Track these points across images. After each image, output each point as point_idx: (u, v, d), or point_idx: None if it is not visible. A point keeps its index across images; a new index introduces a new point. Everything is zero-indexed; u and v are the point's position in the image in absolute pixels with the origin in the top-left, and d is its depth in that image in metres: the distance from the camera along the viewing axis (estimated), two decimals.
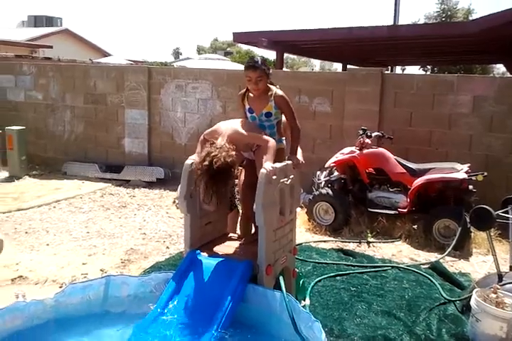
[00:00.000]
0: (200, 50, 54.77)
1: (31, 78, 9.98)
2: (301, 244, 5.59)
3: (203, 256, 3.60)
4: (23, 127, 8.91)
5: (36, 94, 9.97)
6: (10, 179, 8.52)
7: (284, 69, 13.18)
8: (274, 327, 3.17)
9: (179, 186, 6.20)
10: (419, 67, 24.52)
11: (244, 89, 3.76)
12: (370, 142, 6.38)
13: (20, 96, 10.13)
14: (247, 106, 3.73)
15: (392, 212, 6.13)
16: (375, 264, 5.09)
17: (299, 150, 3.88)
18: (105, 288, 3.36)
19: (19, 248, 5.29)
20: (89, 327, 3.14)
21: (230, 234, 4.19)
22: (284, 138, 3.82)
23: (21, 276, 4.50)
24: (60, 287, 4.26)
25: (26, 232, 5.84)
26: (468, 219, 5.55)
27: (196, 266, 3.52)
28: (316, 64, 51.39)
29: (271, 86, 3.71)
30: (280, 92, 3.67)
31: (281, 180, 3.57)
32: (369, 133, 6.38)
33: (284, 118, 3.82)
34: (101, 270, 4.70)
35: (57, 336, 3.02)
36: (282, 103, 3.66)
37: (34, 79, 9.96)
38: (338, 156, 6.46)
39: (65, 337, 3.03)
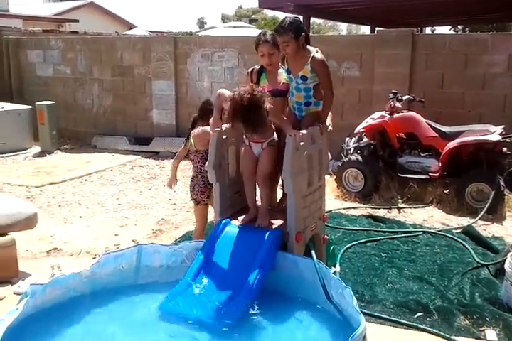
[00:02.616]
0: (224, 19, 54.12)
1: (59, 52, 10.03)
2: (331, 211, 5.57)
3: (233, 224, 3.61)
4: (53, 102, 9.00)
5: (64, 68, 10.04)
6: (42, 153, 8.67)
7: (311, 34, 12.93)
8: (305, 294, 3.18)
9: (207, 155, 6.16)
10: (449, 27, 23.68)
11: None
12: (400, 106, 6.23)
13: (48, 71, 10.22)
14: (285, 67, 3.66)
15: (423, 177, 6.02)
16: (406, 230, 5.04)
17: (329, 116, 3.80)
18: (137, 257, 3.40)
19: (53, 221, 5.41)
20: (122, 296, 3.20)
21: (259, 203, 4.19)
22: (321, 101, 3.72)
23: (56, 248, 4.62)
24: (94, 258, 4.35)
25: (59, 205, 5.96)
26: (502, 182, 5.43)
27: (226, 234, 3.54)
28: (343, 28, 50.26)
29: (311, 48, 3.58)
30: (319, 56, 3.54)
31: (309, 146, 3.52)
32: (399, 97, 6.23)
33: None
34: (133, 240, 4.78)
35: (93, 306, 3.09)
36: (319, 67, 3.53)
37: (62, 54, 10.01)
38: (368, 121, 6.34)
39: (100, 307, 3.09)
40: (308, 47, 3.60)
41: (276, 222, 3.61)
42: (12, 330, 2.57)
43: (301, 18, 11.65)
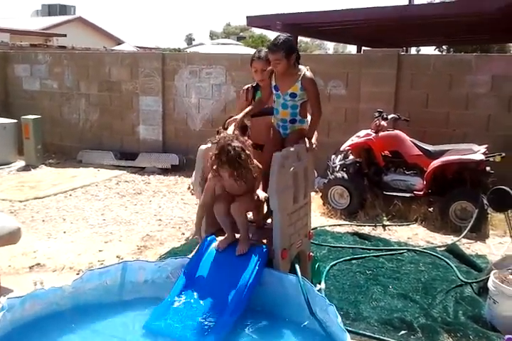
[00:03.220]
0: (212, 36, 54.53)
1: (46, 67, 10.02)
2: (316, 228, 5.58)
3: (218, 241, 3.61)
4: (39, 116, 8.96)
5: (51, 82, 10.02)
6: (26, 168, 8.60)
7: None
8: (289, 311, 3.17)
9: (194, 172, 6.21)
10: (434, 47, 24.10)
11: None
12: (386, 124, 6.31)
13: (35, 85, 10.19)
14: (273, 83, 3.68)
15: (408, 195, 6.08)
16: (391, 247, 5.06)
17: (315, 135, 3.84)
18: (122, 274, 3.38)
19: (36, 236, 5.35)
20: (106, 313, 3.16)
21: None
22: (306, 119, 3.76)
23: (39, 264, 4.56)
24: (77, 274, 4.31)
25: (43, 220, 5.90)
26: (485, 201, 5.49)
27: (212, 251, 3.53)
28: (330, 47, 50.90)
29: (301, 67, 3.64)
30: (309, 74, 3.60)
31: (295, 164, 3.54)
32: (385, 116, 6.31)
33: None
34: (117, 256, 4.74)
35: (75, 321, 3.05)
36: (309, 86, 3.59)
37: (49, 68, 10.00)
38: (354, 139, 6.40)
39: (83, 323, 3.06)
40: (299, 66, 3.65)
41: (263, 238, 3.62)
42: None
43: None
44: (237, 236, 3.52)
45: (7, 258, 4.53)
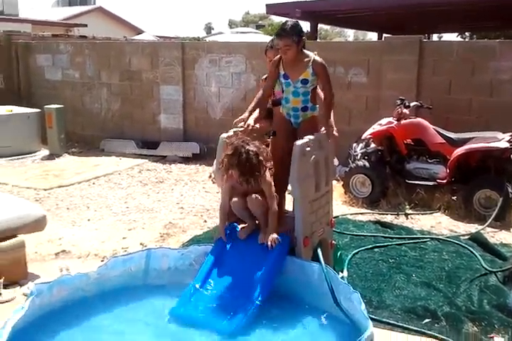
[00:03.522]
0: (231, 24, 54.29)
1: (68, 57, 10.10)
2: (338, 216, 5.56)
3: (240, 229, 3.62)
4: (62, 105, 9.05)
5: (73, 72, 10.10)
6: (50, 157, 8.71)
7: (318, 40, 12.96)
8: (313, 298, 3.19)
9: (215, 160, 6.24)
10: (456, 34, 23.64)
11: (279, 56, 3.67)
12: (408, 112, 6.23)
13: (57, 75, 10.28)
14: (282, 72, 3.65)
15: (431, 183, 6.01)
16: (414, 236, 5.03)
17: (333, 121, 3.81)
18: (146, 261, 3.43)
19: (61, 223, 5.43)
20: (130, 299, 3.21)
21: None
22: (317, 105, 3.74)
23: (64, 251, 4.64)
24: (102, 261, 4.36)
25: (68, 208, 5.99)
26: (510, 189, 5.42)
27: (234, 239, 3.55)
28: (350, 35, 50.32)
29: (308, 52, 3.62)
30: (319, 59, 3.59)
31: (316, 152, 3.53)
32: (407, 103, 6.23)
33: None
34: (141, 244, 4.79)
35: (100, 307, 3.10)
36: (320, 70, 3.58)
37: (70, 58, 10.08)
38: (375, 127, 6.34)
39: (108, 308, 3.12)
40: (305, 51, 3.62)
41: (285, 226, 3.63)
42: (20, 328, 2.60)
43: (308, 24, 11.72)
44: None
45: (33, 245, 4.60)
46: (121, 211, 5.89)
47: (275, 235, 3.33)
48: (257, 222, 3.54)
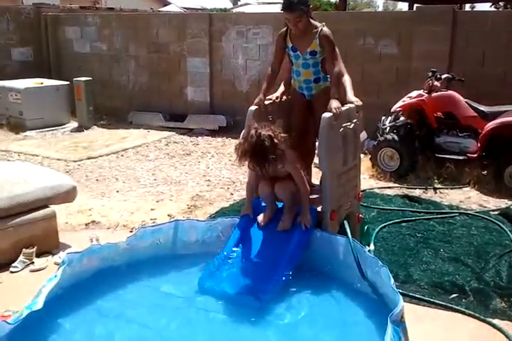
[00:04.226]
0: None
1: (96, 29, 10.10)
2: (365, 190, 5.52)
3: None
4: (90, 78, 9.10)
5: (101, 44, 10.11)
6: (79, 129, 8.82)
7: (347, 10, 12.67)
8: (340, 272, 3.18)
9: (242, 133, 6.20)
10: (490, 4, 22.79)
11: (285, 28, 3.59)
12: (439, 85, 6.09)
13: (85, 47, 10.31)
14: (290, 45, 3.58)
15: (461, 158, 5.91)
16: (442, 210, 4.97)
17: (351, 92, 3.70)
18: (174, 232, 3.46)
19: (91, 194, 5.53)
20: (158, 269, 3.26)
21: None
22: (328, 75, 3.63)
23: (94, 221, 4.72)
24: (131, 231, 4.44)
25: (97, 180, 6.09)
26: None
27: (261, 212, 3.56)
28: (379, 5, 49.05)
29: (316, 23, 3.52)
30: (326, 31, 3.48)
31: (344, 124, 3.49)
32: (438, 76, 6.08)
33: None
34: (168, 215, 4.84)
35: (129, 277, 3.16)
36: (326, 42, 3.47)
37: (98, 30, 10.08)
38: (405, 100, 6.23)
39: (136, 278, 3.17)
40: (313, 21, 3.51)
41: (312, 199, 3.62)
42: (53, 296, 2.67)
43: None
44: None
45: (64, 215, 4.69)
46: (149, 183, 5.96)
47: (309, 216, 3.30)
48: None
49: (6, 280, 3.66)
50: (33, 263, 3.86)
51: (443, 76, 6.15)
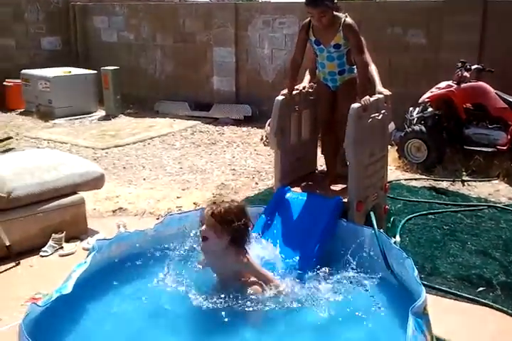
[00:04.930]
0: None
1: (123, 19, 10.17)
2: (391, 181, 5.46)
3: (293, 191, 3.64)
4: (117, 67, 9.17)
5: (128, 34, 10.17)
6: (107, 117, 8.92)
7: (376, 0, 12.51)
8: (365, 263, 3.17)
9: (267, 123, 6.23)
10: None
11: (308, 20, 3.50)
12: (468, 75, 5.99)
13: (113, 36, 10.39)
14: (313, 39, 3.51)
15: (490, 150, 5.81)
16: (470, 203, 4.91)
17: (379, 82, 3.66)
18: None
19: (118, 182, 5.60)
20: (184, 257, 3.28)
21: (319, 171, 4.19)
22: (354, 66, 3.57)
23: (121, 208, 4.78)
24: (157, 219, 4.48)
25: (124, 167, 6.17)
26: None
27: (286, 201, 3.57)
28: None
29: (338, 14, 3.42)
30: (349, 21, 3.38)
31: (372, 115, 3.46)
32: (468, 66, 5.99)
33: None
34: (194, 203, 4.88)
35: (155, 263, 3.19)
36: (350, 33, 3.38)
37: (126, 20, 10.14)
38: (434, 91, 6.14)
39: (163, 264, 3.19)
40: (336, 13, 3.41)
41: (338, 190, 3.61)
42: (82, 281, 2.71)
43: None
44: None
45: (92, 202, 4.76)
46: (175, 171, 6.02)
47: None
48: None
49: (36, 264, 3.75)
50: (62, 248, 3.94)
51: (473, 67, 6.05)
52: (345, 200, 3.41)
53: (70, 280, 2.60)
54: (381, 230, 3.24)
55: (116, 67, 9.12)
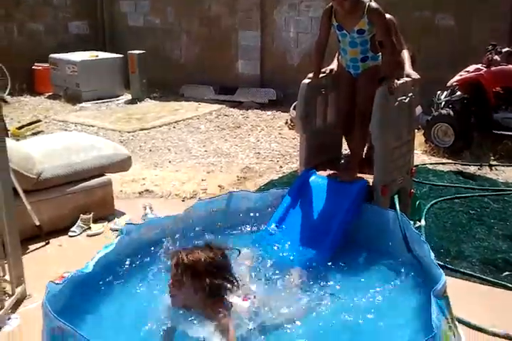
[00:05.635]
0: None
1: (149, 3, 10.14)
2: (417, 166, 5.40)
3: (318, 175, 3.64)
4: (143, 51, 9.20)
5: (154, 18, 10.16)
6: (133, 101, 8.96)
7: None
8: (388, 246, 3.18)
9: (291, 107, 6.22)
10: None
11: (330, 5, 3.42)
12: (499, 59, 5.87)
13: (139, 21, 10.37)
14: (336, 24, 3.42)
15: None
16: (498, 188, 4.85)
17: (408, 65, 3.61)
18: (227, 203, 3.50)
19: (144, 164, 5.67)
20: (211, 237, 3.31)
21: (344, 155, 4.18)
22: (378, 54, 3.49)
23: (147, 190, 4.85)
24: (183, 200, 4.56)
25: (150, 150, 6.23)
26: None
27: (311, 184, 3.58)
28: None
29: None
30: (374, 5, 3.29)
31: (400, 98, 3.43)
32: (498, 49, 5.87)
33: None
34: (219, 186, 4.92)
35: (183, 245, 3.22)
36: (376, 17, 3.28)
37: (152, 4, 10.12)
38: (463, 74, 6.03)
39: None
40: None
41: (363, 174, 3.60)
42: (108, 262, 2.77)
43: None
44: None
45: (119, 184, 4.83)
46: (200, 154, 6.06)
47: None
48: None
49: (65, 244, 3.85)
50: (89, 228, 4.03)
51: (503, 50, 5.92)
52: (371, 184, 3.41)
53: (92, 261, 2.66)
54: (406, 214, 3.22)
55: (142, 51, 9.14)
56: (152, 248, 3.07)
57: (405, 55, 3.66)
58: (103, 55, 9.35)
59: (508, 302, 3.08)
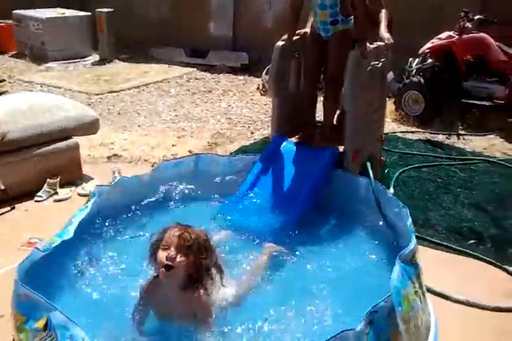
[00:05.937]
0: None
1: None
2: (387, 134, 5.41)
3: (289, 141, 3.62)
4: (112, 9, 8.87)
5: None
6: (101, 62, 8.70)
7: None
8: (359, 212, 3.21)
9: (264, 71, 6.13)
10: None
11: None
12: (470, 26, 5.84)
13: None
14: None
15: (488, 104, 5.74)
16: (465, 157, 4.92)
17: (383, 31, 3.55)
18: (195, 165, 3.46)
19: (113, 128, 5.56)
20: (180, 202, 3.29)
21: (316, 121, 4.16)
22: (350, 18, 3.44)
23: (116, 155, 4.78)
24: (152, 166, 4.47)
25: (119, 113, 6.10)
26: None
27: (282, 150, 3.57)
28: None
29: None
30: None
31: (372, 63, 3.39)
32: (471, 16, 5.83)
33: None
34: (189, 151, 4.86)
35: (153, 209, 3.20)
36: None
37: None
38: (434, 41, 6.00)
39: (159, 211, 3.20)
40: None
41: (333, 140, 3.60)
42: (83, 224, 2.72)
43: None
44: None
45: (87, 148, 4.73)
46: (170, 118, 5.97)
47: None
48: None
49: (31, 209, 3.77)
50: (56, 193, 3.94)
51: (475, 17, 5.89)
52: (341, 151, 3.41)
53: (71, 225, 2.59)
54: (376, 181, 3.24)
55: (111, 9, 8.82)
56: (123, 209, 3.06)
57: (383, 16, 3.61)
58: (70, 12, 8.99)
59: (472, 270, 3.14)
